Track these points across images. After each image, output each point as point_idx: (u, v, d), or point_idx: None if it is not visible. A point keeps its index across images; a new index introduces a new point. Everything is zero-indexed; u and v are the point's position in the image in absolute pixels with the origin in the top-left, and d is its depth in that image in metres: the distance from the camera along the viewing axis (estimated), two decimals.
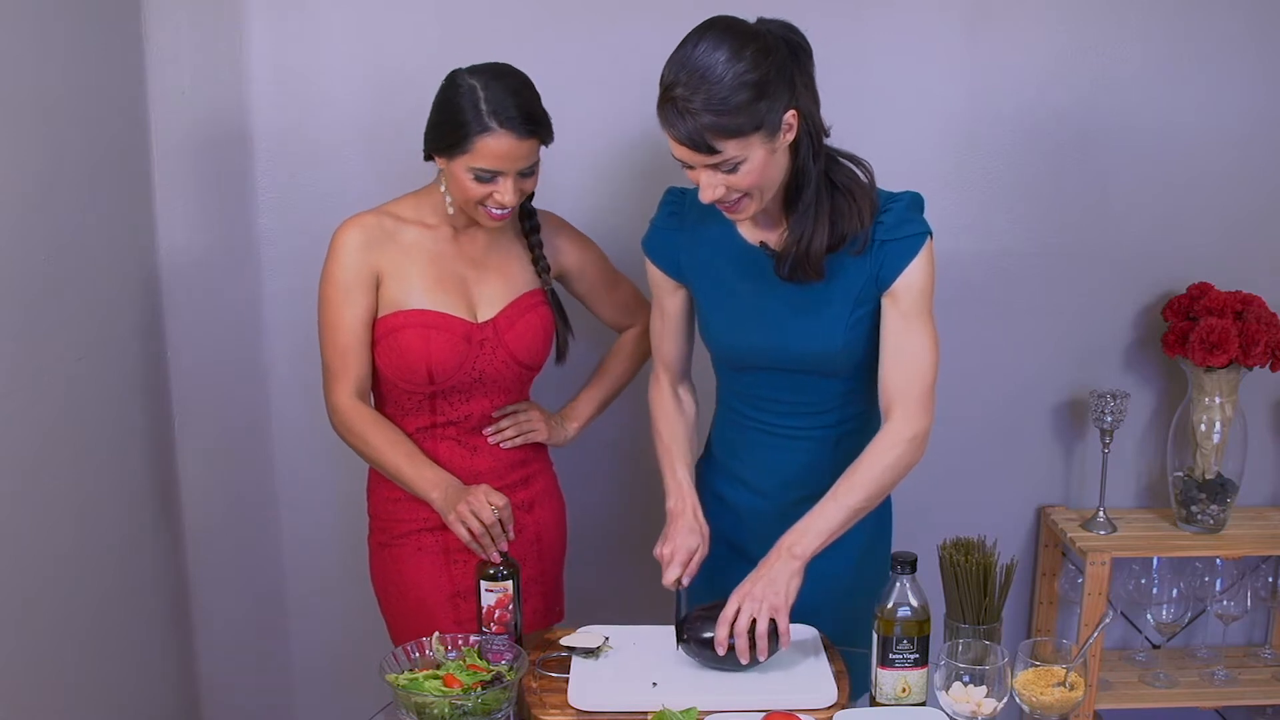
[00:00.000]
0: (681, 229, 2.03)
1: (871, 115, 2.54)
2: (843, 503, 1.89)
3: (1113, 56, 2.56)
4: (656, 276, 2.08)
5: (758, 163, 1.79)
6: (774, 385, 2.01)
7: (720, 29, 1.77)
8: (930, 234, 1.92)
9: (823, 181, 1.88)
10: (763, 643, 1.82)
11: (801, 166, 1.86)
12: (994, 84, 2.56)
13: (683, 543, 1.98)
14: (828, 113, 1.91)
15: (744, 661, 1.84)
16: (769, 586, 1.84)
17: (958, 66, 2.55)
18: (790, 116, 1.80)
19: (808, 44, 1.84)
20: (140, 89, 2.45)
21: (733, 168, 1.78)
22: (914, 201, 1.94)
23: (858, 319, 1.93)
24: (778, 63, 1.77)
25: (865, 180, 1.91)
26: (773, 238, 1.95)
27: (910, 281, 1.90)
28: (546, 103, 2.02)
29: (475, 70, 1.99)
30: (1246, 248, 2.67)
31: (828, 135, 1.89)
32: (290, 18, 2.46)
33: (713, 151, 1.76)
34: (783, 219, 1.92)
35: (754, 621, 1.83)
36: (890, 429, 1.91)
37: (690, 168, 1.82)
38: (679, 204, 2.04)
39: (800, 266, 1.90)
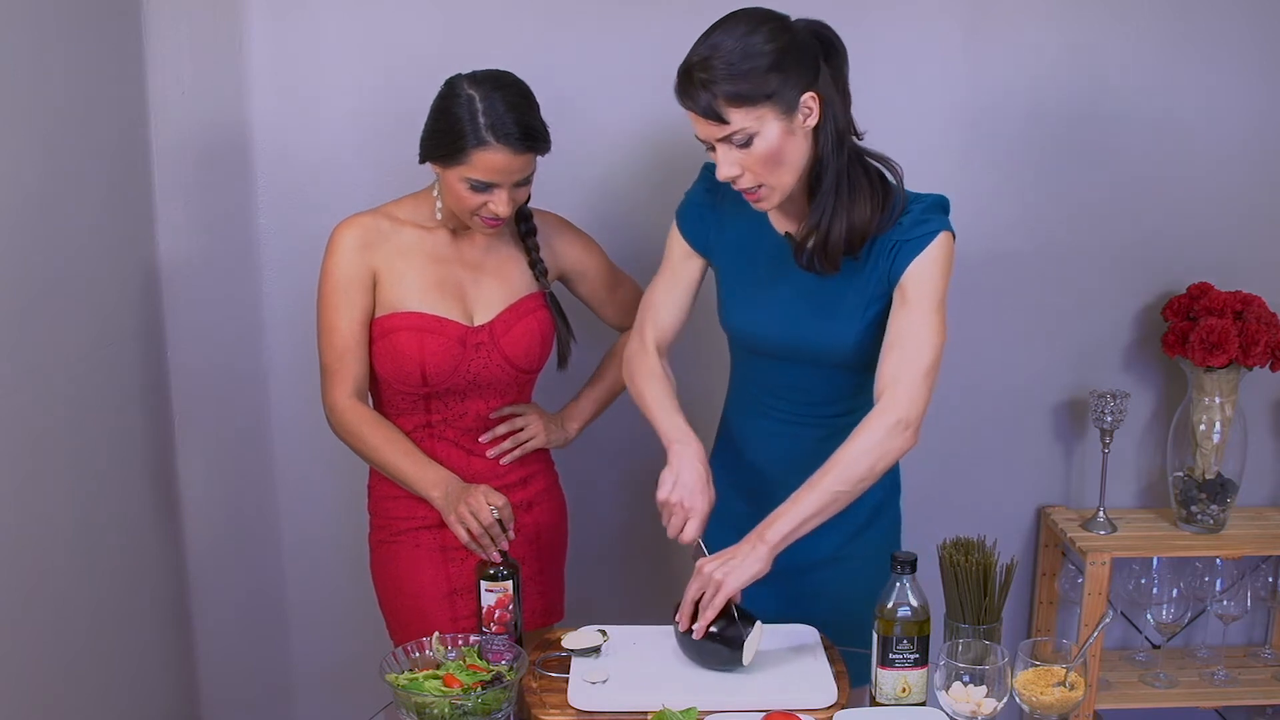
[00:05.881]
0: (716, 206, 2.04)
1: (870, 115, 2.51)
2: (817, 488, 1.86)
3: (1112, 56, 2.57)
4: (679, 244, 2.07)
5: (773, 141, 1.80)
6: (787, 373, 2.02)
7: (742, 12, 1.82)
8: (946, 230, 1.91)
9: (845, 176, 1.88)
10: (708, 614, 1.82)
11: (821, 155, 1.87)
12: (993, 84, 2.56)
13: (697, 504, 1.92)
14: None
15: (682, 628, 1.85)
16: (727, 570, 1.83)
17: (957, 66, 2.56)
18: (809, 99, 1.82)
19: (841, 44, 1.87)
20: (140, 89, 2.44)
21: (746, 141, 1.80)
22: (934, 204, 1.94)
23: (872, 317, 1.94)
24: (796, 42, 1.81)
25: (893, 181, 1.93)
26: (796, 229, 1.96)
27: (916, 274, 1.89)
28: (550, 103, 2.02)
29: (475, 79, 1.98)
30: (1246, 248, 2.67)
31: (859, 137, 1.92)
32: (290, 19, 2.46)
33: (722, 121, 1.79)
34: (806, 210, 1.93)
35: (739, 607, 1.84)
36: (873, 413, 1.88)
37: (711, 148, 1.84)
38: (716, 180, 2.01)
39: (817, 256, 1.91)
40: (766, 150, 1.81)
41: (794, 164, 1.85)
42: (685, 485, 1.93)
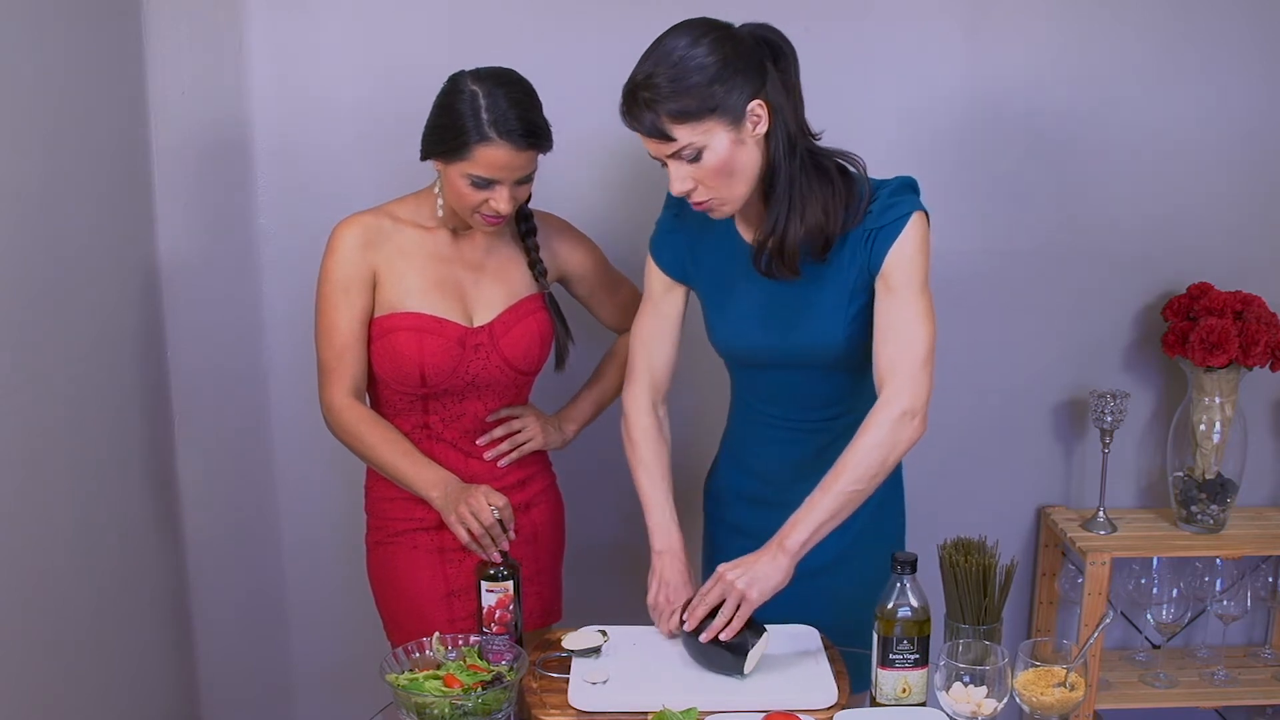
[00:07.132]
0: (683, 230, 2.03)
1: (871, 115, 2.54)
2: (831, 490, 1.85)
3: (1113, 56, 2.57)
4: (657, 277, 2.07)
5: (722, 152, 1.79)
6: (782, 380, 2.01)
7: (683, 24, 1.80)
8: (919, 209, 1.89)
9: (798, 180, 1.86)
10: (721, 622, 1.83)
11: (773, 160, 1.85)
12: (993, 83, 2.56)
13: (680, 597, 1.98)
14: (830, 112, 1.91)
15: (688, 628, 1.87)
16: (750, 581, 1.84)
17: (957, 66, 2.56)
18: (756, 106, 1.80)
19: (789, 45, 1.85)
20: (140, 89, 2.44)
21: (695, 156, 1.79)
22: (901, 185, 1.91)
23: (857, 310, 1.92)
24: (740, 51, 1.79)
25: (855, 173, 1.91)
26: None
27: (897, 259, 1.87)
28: (549, 103, 2.02)
29: (478, 76, 1.98)
30: (1246, 248, 2.67)
31: (816, 138, 1.90)
32: (290, 19, 2.46)
33: (668, 139, 1.78)
34: (764, 216, 1.92)
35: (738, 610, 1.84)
36: (877, 407, 1.87)
37: (663, 163, 1.84)
38: (681, 203, 2.02)
39: (774, 262, 1.89)
40: (717, 163, 1.80)
41: (746, 174, 1.84)
42: (670, 584, 2.00)
